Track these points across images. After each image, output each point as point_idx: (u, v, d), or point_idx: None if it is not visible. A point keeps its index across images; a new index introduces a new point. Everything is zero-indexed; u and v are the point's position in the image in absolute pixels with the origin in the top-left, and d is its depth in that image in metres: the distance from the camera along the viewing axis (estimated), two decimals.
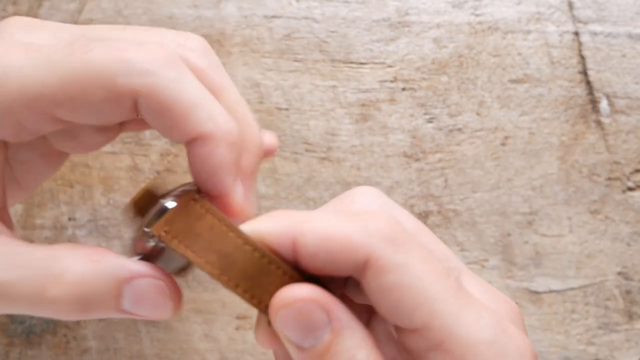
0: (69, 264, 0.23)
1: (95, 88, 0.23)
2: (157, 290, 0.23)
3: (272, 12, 0.46)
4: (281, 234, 0.23)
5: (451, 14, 0.45)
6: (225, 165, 0.24)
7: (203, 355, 0.43)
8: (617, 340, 0.43)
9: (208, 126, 0.24)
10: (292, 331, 0.22)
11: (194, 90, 0.24)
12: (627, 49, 0.45)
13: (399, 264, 0.22)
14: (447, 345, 0.22)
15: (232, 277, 0.24)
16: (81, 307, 0.23)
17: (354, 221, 0.23)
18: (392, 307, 0.22)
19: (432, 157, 0.44)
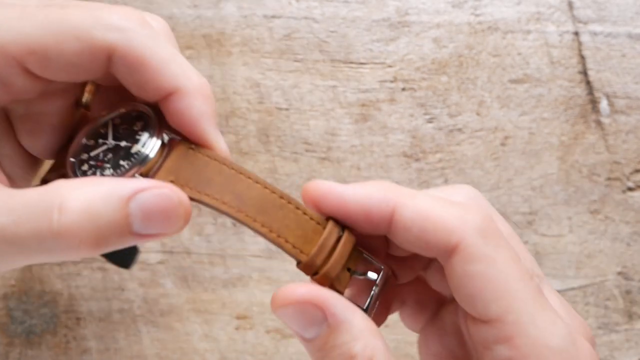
0: (67, 192, 0.21)
1: (71, 39, 0.23)
2: (164, 199, 0.22)
3: (272, 12, 0.46)
4: (383, 201, 0.24)
5: (451, 13, 0.45)
6: (206, 116, 0.24)
7: (203, 355, 0.43)
8: (617, 340, 0.43)
9: (183, 80, 0.24)
10: (294, 325, 0.24)
11: (166, 47, 0.24)
12: (627, 49, 0.45)
13: (487, 255, 0.23)
14: (516, 341, 0.23)
15: (250, 214, 0.24)
16: (93, 236, 0.21)
17: (452, 208, 0.24)
18: (472, 295, 0.23)
19: (432, 157, 0.44)
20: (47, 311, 0.44)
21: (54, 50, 0.23)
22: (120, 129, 0.26)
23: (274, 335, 0.43)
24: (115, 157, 0.25)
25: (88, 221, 0.21)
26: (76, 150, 0.26)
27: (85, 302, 0.44)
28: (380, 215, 0.25)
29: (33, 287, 0.44)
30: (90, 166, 0.25)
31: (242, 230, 0.44)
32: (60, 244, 0.21)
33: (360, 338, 0.23)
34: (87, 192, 0.21)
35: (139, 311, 0.44)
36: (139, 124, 0.26)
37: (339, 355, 0.23)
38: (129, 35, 0.23)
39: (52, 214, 0.21)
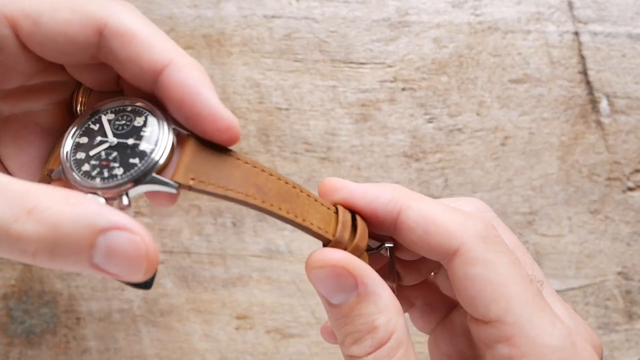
0: (43, 201, 0.21)
1: (65, 8, 0.23)
2: (132, 246, 0.21)
3: (272, 12, 0.46)
4: (391, 201, 0.26)
5: (451, 13, 0.45)
6: (207, 83, 0.24)
7: (203, 355, 0.43)
8: (617, 340, 0.43)
9: (175, 54, 0.24)
10: (323, 288, 0.25)
11: (155, 26, 0.25)
12: (627, 49, 0.45)
13: (487, 259, 0.25)
14: (515, 340, 0.24)
15: (274, 203, 0.25)
16: (49, 250, 0.21)
17: (456, 214, 0.26)
18: (472, 297, 0.25)
19: (432, 157, 0.44)
20: (47, 311, 0.44)
21: (47, 15, 0.23)
22: (119, 126, 0.25)
23: (274, 335, 0.43)
24: (123, 156, 0.24)
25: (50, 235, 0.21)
26: (69, 149, 0.25)
27: (85, 302, 0.44)
28: (386, 214, 0.26)
29: (33, 287, 0.44)
30: (94, 166, 0.24)
31: (242, 230, 0.44)
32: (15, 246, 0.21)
33: (385, 312, 0.25)
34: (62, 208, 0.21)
35: (139, 311, 0.44)
36: (139, 119, 0.25)
37: (362, 324, 0.25)
38: (120, 9, 0.24)
39: (19, 217, 0.20)
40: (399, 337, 0.24)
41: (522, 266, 0.26)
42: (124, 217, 0.22)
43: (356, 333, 0.25)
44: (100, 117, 0.25)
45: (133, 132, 0.25)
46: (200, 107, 0.24)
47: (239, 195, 0.24)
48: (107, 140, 0.25)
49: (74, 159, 0.24)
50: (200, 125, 0.24)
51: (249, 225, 0.44)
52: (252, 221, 0.44)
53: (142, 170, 0.23)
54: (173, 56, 0.24)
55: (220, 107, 0.24)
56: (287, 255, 0.44)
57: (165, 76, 0.24)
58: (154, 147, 0.24)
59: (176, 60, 0.24)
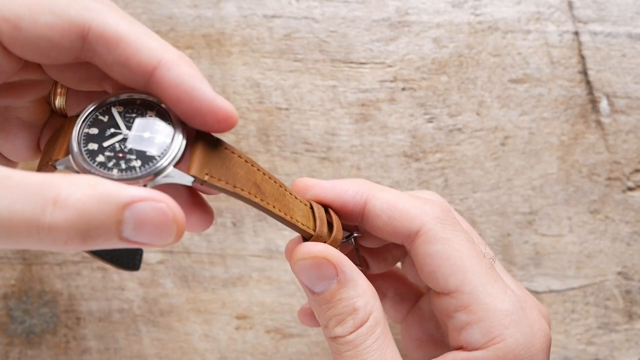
0: (65, 188, 0.21)
1: (46, 12, 0.23)
2: (159, 213, 0.22)
3: (272, 12, 0.46)
4: (358, 194, 0.29)
5: (451, 13, 0.45)
6: (198, 77, 0.24)
7: (203, 355, 0.43)
8: (617, 340, 0.43)
9: (163, 52, 0.24)
10: (306, 278, 0.28)
11: (141, 25, 0.24)
12: (627, 48, 0.45)
13: (445, 237, 0.28)
14: (472, 307, 0.27)
15: (270, 202, 0.27)
16: (81, 234, 0.21)
17: (415, 200, 0.29)
18: (433, 272, 0.28)
19: (432, 157, 0.44)
20: (47, 311, 0.44)
21: (28, 20, 0.23)
22: (129, 118, 0.25)
23: (273, 335, 0.43)
24: (139, 147, 0.24)
25: (79, 221, 0.21)
26: (79, 140, 0.24)
27: (85, 302, 0.44)
28: (354, 205, 0.29)
29: (33, 287, 0.44)
30: (109, 157, 0.24)
31: (242, 230, 0.44)
32: (48, 237, 0.21)
33: (364, 295, 0.27)
34: (84, 191, 0.21)
35: (139, 311, 0.44)
36: (151, 113, 0.25)
37: (343, 307, 0.27)
38: (103, 11, 0.23)
39: (47, 206, 0.21)
40: (377, 316, 0.28)
41: (475, 243, 0.29)
42: (145, 190, 0.22)
43: (339, 315, 0.27)
44: (109, 109, 0.25)
45: (147, 125, 0.25)
46: (197, 102, 0.24)
47: (244, 193, 0.25)
48: (121, 132, 0.25)
49: (86, 149, 0.24)
50: (199, 118, 0.24)
51: (249, 225, 0.44)
52: (252, 221, 0.44)
53: (161, 164, 0.24)
54: (161, 55, 0.24)
55: (216, 98, 0.24)
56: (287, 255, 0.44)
57: (157, 77, 0.24)
58: (170, 141, 0.24)
59: (164, 58, 0.24)
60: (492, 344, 0.27)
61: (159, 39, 0.24)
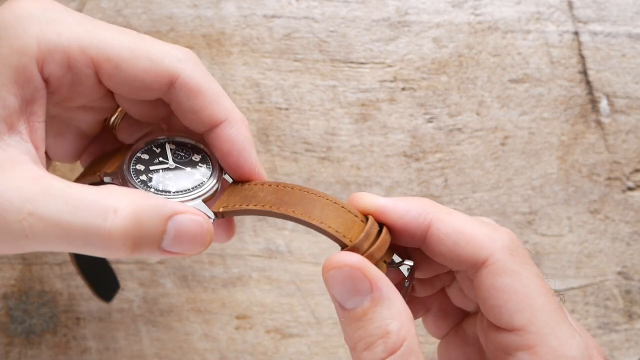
0: (123, 200, 0.24)
1: (144, 58, 0.27)
2: (196, 225, 0.25)
3: (272, 12, 0.46)
4: (421, 215, 0.27)
5: (451, 13, 0.45)
6: (251, 142, 0.29)
7: (203, 355, 0.43)
8: (617, 340, 0.43)
9: (232, 110, 0.28)
10: (338, 291, 0.26)
11: (217, 84, 0.28)
12: (627, 48, 0.45)
13: (514, 270, 0.26)
14: (537, 349, 0.25)
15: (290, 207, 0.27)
16: (132, 242, 0.24)
17: (484, 227, 0.27)
18: (498, 305, 0.26)
19: (432, 157, 0.44)
20: (47, 311, 0.44)
21: (128, 63, 0.26)
22: (178, 155, 0.30)
23: (273, 335, 0.43)
24: (177, 178, 0.29)
25: (134, 228, 0.24)
26: (131, 159, 0.29)
27: (85, 302, 0.44)
28: (417, 227, 0.27)
29: (33, 287, 0.44)
30: (150, 179, 0.28)
31: (242, 230, 0.44)
32: (105, 243, 0.24)
33: (398, 318, 0.25)
34: (138, 202, 0.24)
35: (138, 311, 0.44)
36: (197, 156, 0.30)
37: (375, 328, 0.25)
38: (191, 67, 0.28)
39: (108, 215, 0.23)
40: (411, 344, 0.25)
41: (544, 279, 0.27)
42: (184, 204, 0.26)
43: (368, 337, 0.25)
44: (164, 144, 0.30)
45: (190, 163, 0.29)
46: (243, 160, 0.29)
47: (257, 207, 0.28)
48: (167, 162, 0.29)
49: (134, 168, 0.29)
50: (238, 171, 0.29)
51: (249, 225, 0.44)
52: (252, 221, 0.44)
53: (192, 195, 0.28)
54: (229, 114, 0.28)
55: (257, 164, 0.29)
56: (287, 255, 0.44)
57: (220, 130, 0.28)
58: (206, 180, 0.29)
59: (231, 116, 0.28)
60: None
61: (229, 100, 0.29)
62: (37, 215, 0.23)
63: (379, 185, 0.44)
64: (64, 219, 0.23)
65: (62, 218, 0.23)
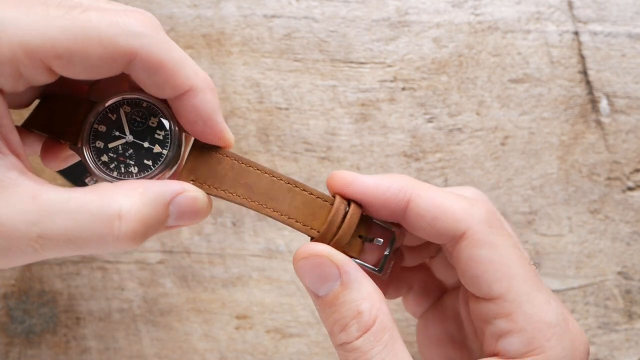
0: (123, 202, 0.25)
1: (96, 45, 0.25)
2: (196, 202, 0.26)
3: (272, 12, 0.46)
4: (401, 191, 0.28)
5: (451, 13, 0.45)
6: (216, 108, 0.28)
7: (203, 355, 0.43)
8: (617, 340, 0.43)
9: (195, 78, 0.27)
10: (309, 280, 0.27)
11: (178, 49, 0.27)
12: (627, 48, 0.45)
13: (492, 241, 0.27)
14: (514, 316, 0.26)
15: (261, 202, 0.28)
16: (143, 236, 0.25)
17: (461, 201, 0.28)
18: (477, 276, 0.27)
19: (432, 156, 0.44)
20: (47, 311, 0.44)
21: (79, 54, 0.25)
22: (135, 122, 0.28)
23: (273, 335, 0.43)
24: (137, 155, 0.28)
25: (142, 226, 0.25)
26: (88, 135, 0.28)
27: (85, 301, 0.44)
28: (396, 202, 0.28)
29: (33, 287, 0.44)
30: (111, 159, 0.28)
31: (242, 230, 0.44)
32: (116, 245, 0.25)
33: (368, 298, 0.26)
34: (139, 200, 0.25)
35: (138, 311, 0.44)
36: (153, 120, 0.28)
37: (347, 310, 0.26)
38: (148, 41, 0.26)
39: (114, 222, 0.24)
40: (384, 321, 0.26)
41: (521, 249, 0.28)
42: (177, 183, 0.27)
43: (342, 320, 0.26)
44: (117, 108, 0.28)
45: (148, 133, 0.28)
46: (209, 128, 0.28)
47: (229, 196, 0.28)
48: (125, 137, 0.28)
49: (94, 146, 0.28)
50: (205, 138, 0.28)
51: (249, 225, 0.44)
52: (252, 221, 0.44)
53: (155, 174, 0.28)
54: (192, 82, 0.27)
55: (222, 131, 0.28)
56: (287, 255, 0.44)
57: (184, 99, 0.27)
58: (166, 152, 0.28)
59: (194, 86, 0.27)
60: (531, 355, 0.26)
61: (192, 64, 0.27)
62: (46, 237, 0.24)
63: None
64: (72, 234, 0.24)
65: (70, 234, 0.24)
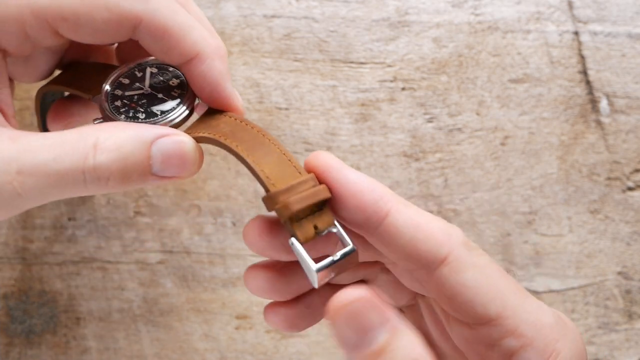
0: (102, 135, 0.25)
1: (101, 9, 0.25)
2: (180, 145, 0.26)
3: (272, 12, 0.46)
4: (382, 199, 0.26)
5: (451, 13, 0.45)
6: (224, 75, 0.28)
7: (203, 355, 0.43)
8: (617, 340, 0.43)
9: (202, 45, 0.27)
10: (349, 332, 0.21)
11: (185, 15, 0.27)
12: (626, 48, 0.45)
13: (475, 264, 0.26)
14: (520, 330, 0.25)
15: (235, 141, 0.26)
16: (121, 172, 0.24)
17: (439, 222, 0.26)
18: (469, 300, 0.25)
19: (432, 156, 0.44)
20: (47, 311, 0.44)
21: (85, 17, 0.25)
22: (157, 79, 0.30)
23: (273, 335, 0.43)
24: (149, 104, 0.29)
25: (118, 160, 0.24)
26: (112, 82, 0.29)
27: (85, 301, 0.44)
28: (375, 210, 0.26)
29: (33, 287, 0.44)
30: (124, 104, 0.29)
31: (241, 230, 0.44)
32: (92, 178, 0.24)
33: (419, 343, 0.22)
34: (118, 134, 0.25)
35: (138, 311, 0.44)
36: (175, 81, 0.29)
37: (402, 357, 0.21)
38: (153, 6, 0.26)
39: (89, 152, 0.24)
40: None
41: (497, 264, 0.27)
42: (166, 128, 0.26)
43: None
44: (145, 68, 0.30)
45: (165, 89, 0.29)
46: (216, 94, 0.28)
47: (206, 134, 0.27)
48: (143, 87, 0.29)
49: (112, 93, 0.29)
50: (212, 104, 0.28)
51: None
52: None
53: (158, 121, 0.28)
54: (199, 48, 0.27)
55: (230, 97, 0.28)
56: None
57: (191, 66, 0.27)
58: (175, 107, 0.28)
59: (202, 52, 0.27)
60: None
61: (200, 29, 0.27)
62: (25, 171, 0.24)
63: None
64: (52, 167, 0.24)
65: (50, 167, 0.24)
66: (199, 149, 0.27)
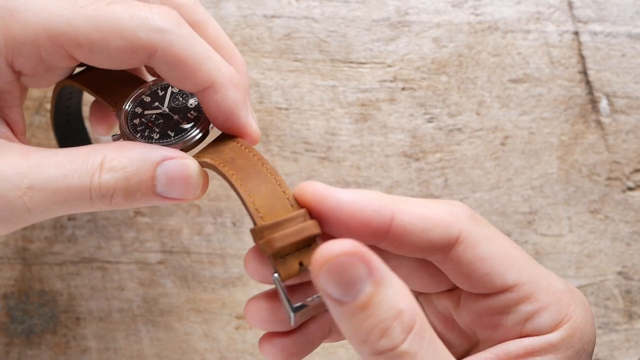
0: (109, 154, 0.25)
1: (117, 37, 0.26)
2: (185, 169, 0.26)
3: (272, 12, 0.46)
4: (382, 207, 0.26)
5: (451, 13, 0.45)
6: (237, 104, 0.28)
7: (203, 355, 0.43)
8: (617, 340, 0.43)
9: (216, 75, 0.27)
10: (336, 287, 0.21)
11: (201, 45, 0.27)
12: (626, 48, 0.45)
13: (486, 236, 0.26)
14: (536, 295, 0.26)
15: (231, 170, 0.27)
16: (124, 191, 0.25)
17: (441, 205, 0.27)
18: (487, 273, 0.26)
19: (432, 156, 0.44)
20: (47, 311, 0.44)
21: (100, 45, 0.26)
22: (177, 100, 0.30)
23: None
24: (165, 125, 0.29)
25: (122, 179, 0.25)
26: (134, 100, 0.30)
27: (85, 301, 0.44)
28: (379, 221, 0.25)
29: (33, 287, 0.44)
30: (142, 122, 0.29)
31: (242, 230, 0.44)
32: (98, 196, 0.25)
33: (405, 294, 0.22)
34: (124, 154, 0.25)
35: (138, 311, 0.44)
36: (193, 101, 0.30)
37: (386, 311, 0.21)
38: (169, 37, 0.26)
39: (95, 171, 0.25)
40: (422, 317, 0.23)
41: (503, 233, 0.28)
42: (172, 150, 0.27)
43: (381, 324, 0.21)
44: (167, 87, 0.31)
45: (182, 110, 0.30)
46: (230, 123, 0.29)
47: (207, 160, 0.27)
48: (162, 108, 0.30)
49: (132, 111, 0.30)
50: (227, 131, 0.29)
51: (249, 225, 0.44)
52: None
53: (171, 143, 0.29)
54: (213, 79, 0.27)
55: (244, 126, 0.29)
56: None
57: (206, 95, 0.28)
58: (189, 130, 0.29)
59: (215, 82, 0.27)
60: (561, 325, 0.26)
61: (216, 60, 0.28)
62: (36, 187, 0.25)
63: (379, 185, 0.44)
64: (61, 184, 0.25)
65: (59, 183, 0.25)
66: (204, 173, 0.27)
